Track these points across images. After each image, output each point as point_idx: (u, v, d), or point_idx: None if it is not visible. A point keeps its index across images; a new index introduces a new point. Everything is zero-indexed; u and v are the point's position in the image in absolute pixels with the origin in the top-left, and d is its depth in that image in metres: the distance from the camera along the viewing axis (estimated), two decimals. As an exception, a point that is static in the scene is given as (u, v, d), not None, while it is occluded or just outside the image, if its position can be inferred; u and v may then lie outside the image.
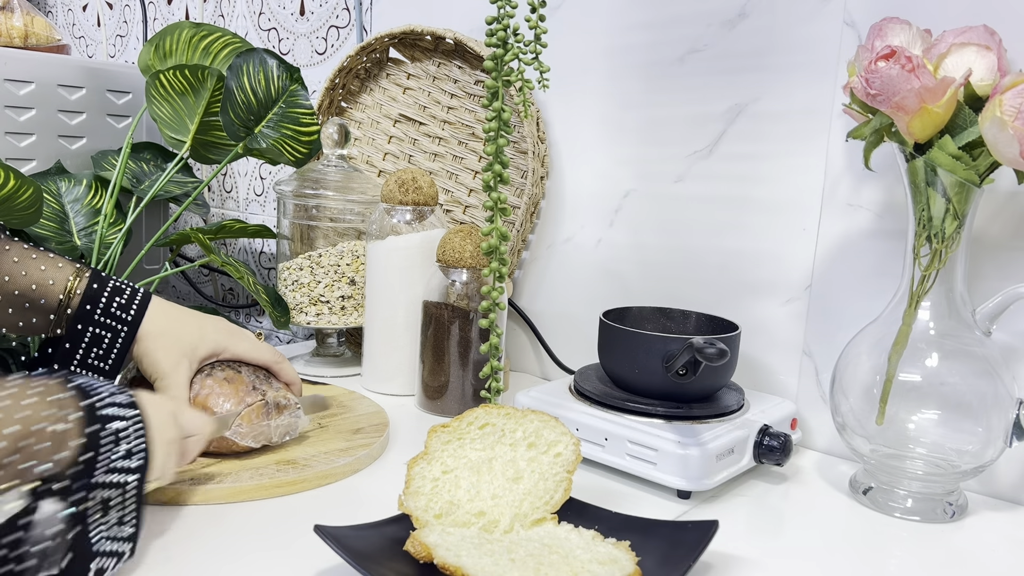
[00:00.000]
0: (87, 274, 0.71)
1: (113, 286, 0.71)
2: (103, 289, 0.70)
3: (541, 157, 1.00)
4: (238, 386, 0.73)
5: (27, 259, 0.69)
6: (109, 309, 0.70)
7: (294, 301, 1.05)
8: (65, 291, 0.69)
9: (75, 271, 0.70)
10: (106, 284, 0.71)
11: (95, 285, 0.70)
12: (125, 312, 0.70)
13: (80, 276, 0.70)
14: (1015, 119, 0.60)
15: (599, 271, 1.02)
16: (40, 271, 0.69)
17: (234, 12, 1.49)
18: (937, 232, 0.68)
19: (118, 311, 0.70)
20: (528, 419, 0.63)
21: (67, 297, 0.69)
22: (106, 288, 0.71)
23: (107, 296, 0.70)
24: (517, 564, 0.53)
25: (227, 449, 0.71)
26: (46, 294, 0.69)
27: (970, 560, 0.64)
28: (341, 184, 1.03)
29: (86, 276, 0.71)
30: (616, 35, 0.97)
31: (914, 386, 0.70)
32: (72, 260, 0.72)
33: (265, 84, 1.10)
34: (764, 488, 0.76)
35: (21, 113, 1.33)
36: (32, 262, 0.69)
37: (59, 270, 0.70)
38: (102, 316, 0.70)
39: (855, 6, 0.80)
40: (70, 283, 0.70)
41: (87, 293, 0.70)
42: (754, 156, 0.88)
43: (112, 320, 0.70)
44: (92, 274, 0.71)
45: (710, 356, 0.65)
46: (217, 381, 0.72)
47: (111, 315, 0.70)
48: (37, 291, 0.69)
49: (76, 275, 0.70)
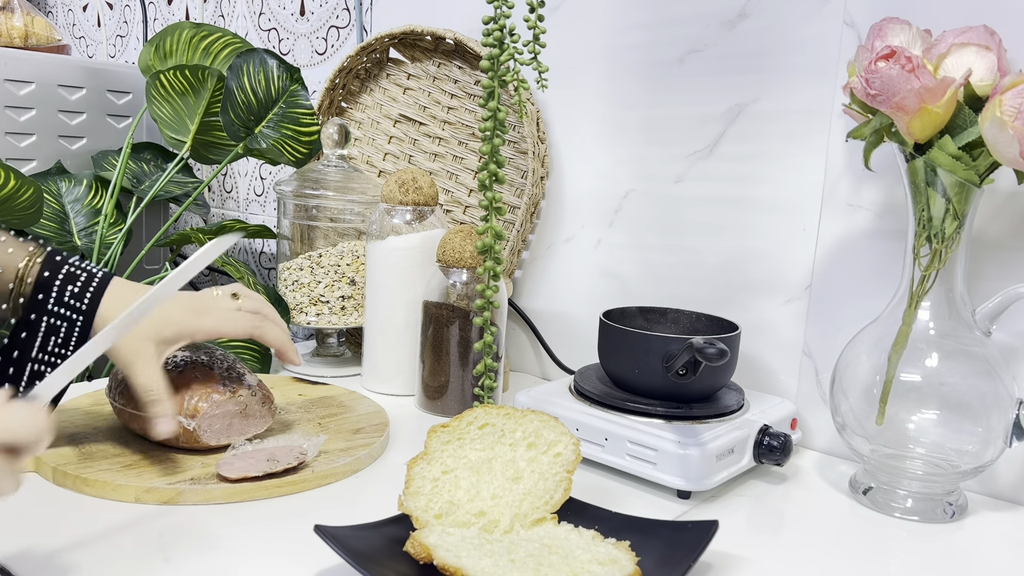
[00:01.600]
0: (40, 259, 0.67)
1: (67, 272, 0.67)
2: (55, 276, 0.66)
3: (541, 157, 1.00)
4: (207, 382, 0.72)
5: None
6: (62, 298, 0.66)
7: (294, 301, 1.05)
8: (16, 278, 0.66)
9: (27, 255, 0.66)
10: (59, 270, 0.67)
11: (47, 273, 0.66)
12: (79, 300, 0.66)
13: (32, 261, 0.66)
14: (1015, 119, 0.60)
15: (599, 271, 1.02)
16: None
17: (234, 12, 1.49)
18: (937, 232, 0.68)
19: (72, 300, 0.66)
20: (528, 419, 0.63)
21: (18, 284, 0.66)
22: (59, 275, 0.66)
23: (59, 284, 0.66)
24: (517, 565, 0.53)
25: (195, 445, 0.71)
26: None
27: (970, 560, 0.64)
28: (341, 184, 1.03)
29: (39, 262, 0.67)
30: (616, 35, 0.97)
31: (914, 386, 0.70)
32: (27, 242, 0.67)
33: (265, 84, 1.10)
34: (764, 488, 0.76)
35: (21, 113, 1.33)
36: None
37: (9, 256, 0.66)
38: (55, 305, 0.66)
39: (855, 6, 0.80)
40: (20, 269, 0.66)
41: (39, 281, 0.66)
42: (754, 156, 0.88)
43: (66, 309, 0.66)
44: (45, 259, 0.67)
45: (710, 356, 0.65)
46: (187, 377, 0.72)
47: (64, 304, 0.66)
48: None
49: (28, 259, 0.66)
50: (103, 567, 0.55)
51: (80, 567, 0.55)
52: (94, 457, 0.70)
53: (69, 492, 0.65)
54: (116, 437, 0.75)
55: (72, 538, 0.58)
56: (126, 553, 0.57)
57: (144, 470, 0.68)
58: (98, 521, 0.61)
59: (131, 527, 0.61)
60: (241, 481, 0.66)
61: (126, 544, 0.58)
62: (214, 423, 0.72)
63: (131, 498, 0.64)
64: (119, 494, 0.64)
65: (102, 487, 0.65)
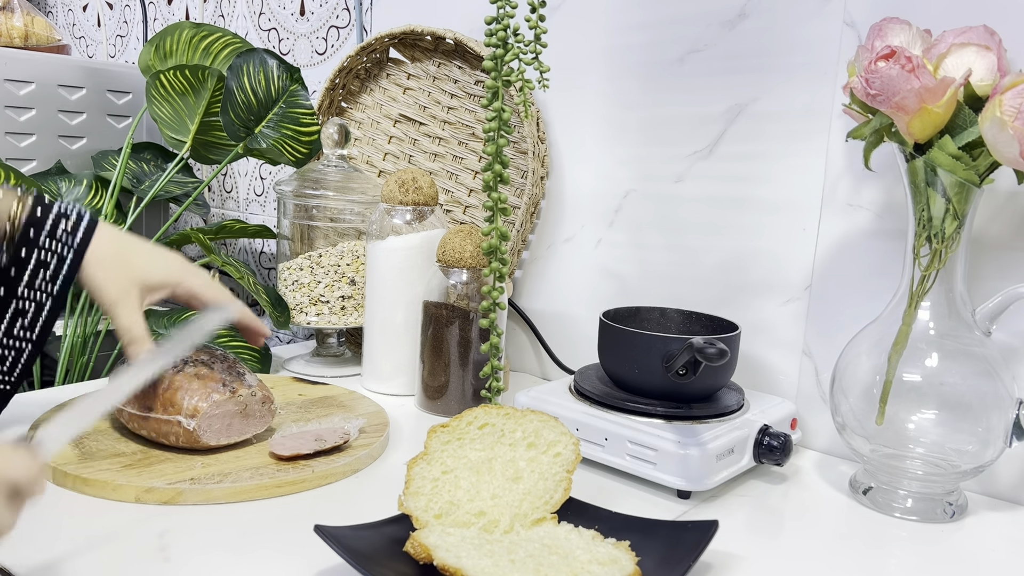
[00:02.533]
0: (30, 199, 0.67)
1: (58, 211, 0.67)
2: (47, 213, 0.67)
3: (541, 157, 1.00)
4: (207, 382, 0.73)
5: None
6: (55, 233, 0.67)
7: (294, 301, 1.05)
8: (9, 219, 0.66)
9: (17, 198, 0.67)
10: (50, 209, 0.67)
11: (38, 210, 0.67)
12: (71, 236, 0.67)
13: (23, 203, 0.67)
14: (1015, 119, 0.60)
15: (599, 271, 1.02)
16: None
17: (234, 12, 1.49)
18: (937, 232, 0.68)
19: (64, 235, 0.67)
20: (527, 419, 0.63)
21: (11, 225, 0.66)
22: (50, 212, 0.67)
23: (52, 220, 0.67)
24: (517, 565, 0.53)
25: (195, 444, 0.71)
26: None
27: (970, 560, 0.64)
28: (341, 184, 1.03)
29: (29, 201, 0.67)
30: (616, 35, 0.97)
31: (914, 386, 0.70)
32: (14, 188, 0.68)
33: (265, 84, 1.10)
34: (764, 488, 0.76)
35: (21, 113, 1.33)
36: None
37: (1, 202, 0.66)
38: (47, 239, 0.66)
39: (855, 6, 0.80)
40: (13, 210, 0.66)
41: (30, 219, 0.66)
42: (754, 156, 0.88)
43: (58, 244, 0.66)
44: (35, 198, 0.68)
45: (710, 356, 0.65)
46: (187, 377, 0.72)
47: (57, 239, 0.67)
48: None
49: (19, 202, 0.67)
50: (103, 567, 0.55)
51: (80, 567, 0.55)
52: (94, 457, 0.70)
53: (69, 492, 0.65)
54: (116, 437, 0.75)
55: (72, 538, 0.58)
56: (126, 553, 0.57)
57: (144, 470, 0.68)
58: (98, 521, 0.61)
59: (131, 527, 0.61)
60: (293, 459, 0.71)
61: (126, 544, 0.58)
62: (214, 423, 0.72)
63: (131, 498, 0.64)
64: (119, 494, 0.64)
65: (102, 487, 0.65)
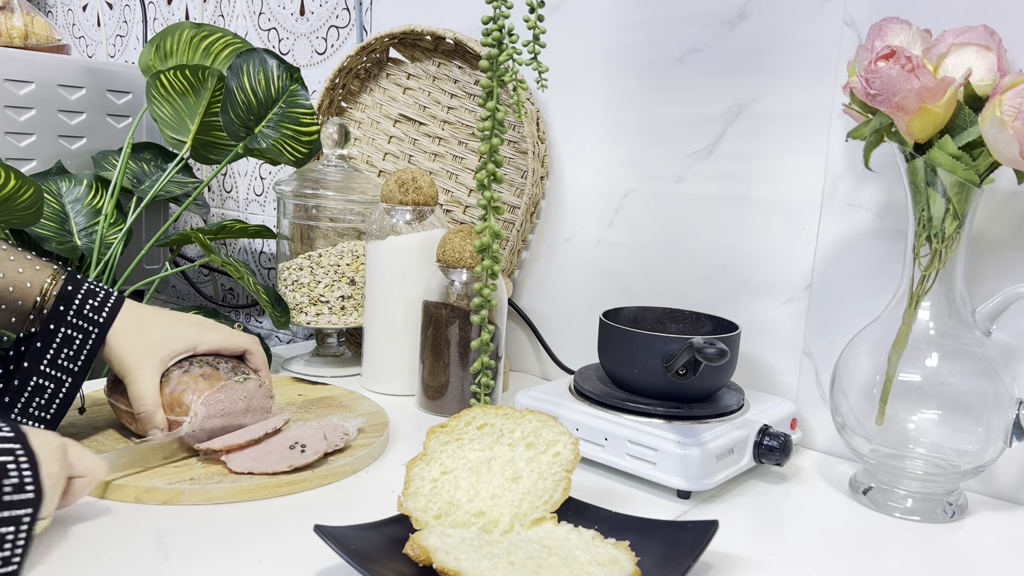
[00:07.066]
0: (63, 276, 0.71)
1: (87, 288, 0.71)
2: (77, 291, 0.71)
3: (541, 157, 1.00)
4: (214, 382, 0.73)
5: (4, 260, 0.70)
6: (82, 311, 0.70)
7: (294, 301, 1.05)
8: (41, 293, 0.70)
9: (52, 274, 0.71)
10: (80, 286, 0.71)
11: (70, 287, 0.71)
12: (97, 314, 0.71)
13: (56, 279, 0.71)
14: (1015, 119, 0.60)
15: (599, 271, 1.02)
16: (17, 273, 0.69)
17: (234, 12, 1.49)
18: (937, 232, 0.68)
19: (90, 313, 0.71)
20: (526, 419, 0.63)
21: (43, 300, 0.70)
22: (80, 290, 0.71)
23: (80, 298, 0.71)
24: (516, 567, 0.53)
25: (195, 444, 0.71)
26: (23, 295, 0.69)
27: (970, 560, 0.64)
28: (341, 184, 1.03)
29: (62, 279, 0.71)
30: (616, 35, 0.97)
31: (914, 386, 0.70)
32: (50, 261, 0.72)
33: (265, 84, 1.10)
34: (764, 488, 0.76)
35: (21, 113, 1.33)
36: (10, 264, 0.70)
37: (36, 272, 0.70)
38: (74, 317, 0.70)
39: (855, 6, 0.80)
40: (47, 286, 0.70)
41: (61, 294, 0.70)
42: (754, 156, 0.88)
43: (84, 321, 0.70)
44: (68, 276, 0.71)
45: (710, 356, 0.65)
46: (193, 377, 0.73)
47: (83, 316, 0.70)
48: (14, 292, 0.69)
49: (53, 278, 0.71)
50: (103, 567, 0.55)
51: (80, 567, 0.55)
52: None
53: (69, 492, 0.65)
54: (116, 437, 0.75)
55: (72, 538, 0.58)
56: (126, 553, 0.57)
57: (144, 470, 0.68)
58: (98, 521, 0.61)
59: (131, 527, 0.61)
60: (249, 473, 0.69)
61: (126, 544, 0.58)
62: (214, 422, 0.72)
63: (131, 498, 0.64)
64: (119, 494, 0.65)
65: (102, 487, 0.65)
